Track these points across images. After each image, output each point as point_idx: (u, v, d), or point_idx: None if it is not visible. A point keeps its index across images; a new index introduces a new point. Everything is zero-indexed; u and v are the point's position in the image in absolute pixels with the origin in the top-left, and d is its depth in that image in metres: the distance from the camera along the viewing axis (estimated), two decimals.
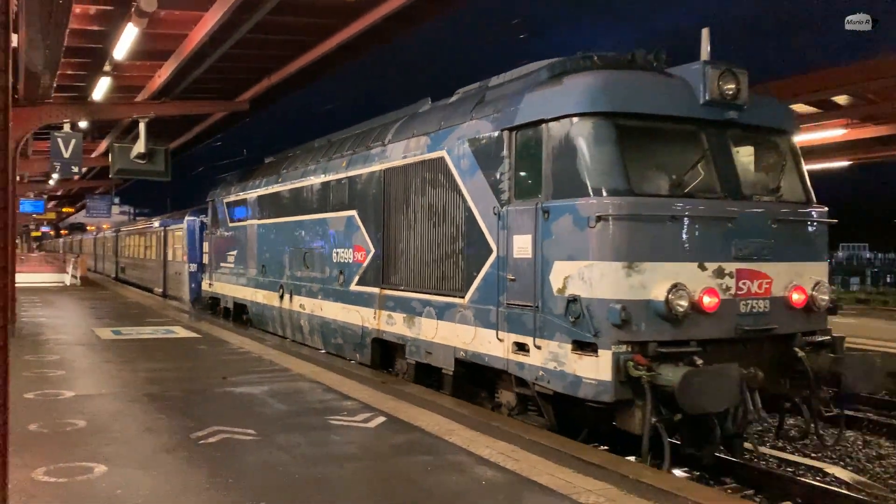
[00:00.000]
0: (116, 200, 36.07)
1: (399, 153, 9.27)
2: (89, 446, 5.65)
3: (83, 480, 4.82)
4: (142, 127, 14.11)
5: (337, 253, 10.95)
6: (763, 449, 8.09)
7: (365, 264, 10.04)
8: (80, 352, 10.84)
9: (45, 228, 63.38)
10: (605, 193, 6.22)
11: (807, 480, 7.07)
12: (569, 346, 6.26)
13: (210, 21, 10.35)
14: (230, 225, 16.22)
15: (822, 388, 6.85)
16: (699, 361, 5.94)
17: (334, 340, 11.10)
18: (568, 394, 6.33)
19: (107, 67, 12.26)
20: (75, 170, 14.56)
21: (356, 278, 10.27)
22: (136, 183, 30.97)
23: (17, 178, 18.88)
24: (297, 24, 11.45)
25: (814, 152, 16.78)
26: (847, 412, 7.75)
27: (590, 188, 6.30)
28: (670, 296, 6.02)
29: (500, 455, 5.56)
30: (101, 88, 13.39)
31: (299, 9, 10.73)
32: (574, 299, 6.20)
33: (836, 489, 6.88)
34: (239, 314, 15.57)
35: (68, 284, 27.91)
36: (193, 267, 20.95)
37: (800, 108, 14.25)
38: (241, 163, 20.84)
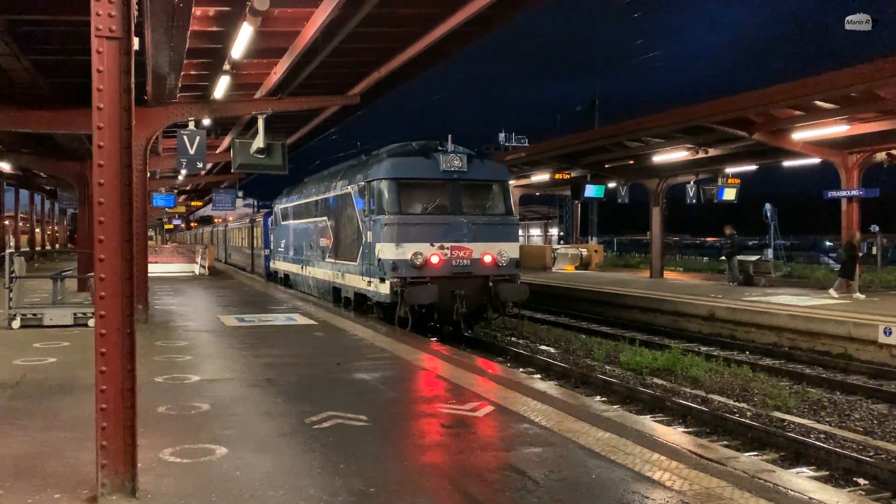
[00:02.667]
0: (240, 194, 37.68)
1: (339, 187, 16.77)
2: (212, 429, 5.93)
3: (205, 462, 5.07)
4: (260, 123, 14.61)
5: (321, 241, 18.54)
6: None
7: (330, 247, 17.57)
8: (206, 338, 11.43)
9: (176, 221, 67.24)
10: (390, 213, 13.61)
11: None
12: (379, 280, 13.78)
13: (320, 17, 10.57)
14: (282, 223, 24.36)
15: (502, 301, 13.89)
16: (434, 288, 13.07)
17: (320, 290, 19.15)
18: (379, 301, 13.98)
19: (226, 66, 12.76)
20: (200, 165, 15.25)
21: (327, 255, 17.91)
22: (260, 176, 32.43)
23: (149, 175, 20.06)
24: (402, 15, 11.53)
25: None
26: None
27: (385, 211, 13.69)
28: (412, 257, 13.25)
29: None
30: (222, 87, 13.98)
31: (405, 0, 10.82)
32: (380, 260, 13.61)
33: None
34: (286, 281, 23.80)
35: (197, 274, 29.54)
36: (267, 251, 27.94)
37: None
38: (354, 155, 22.55)
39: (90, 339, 4.44)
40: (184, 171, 26.54)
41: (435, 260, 13.44)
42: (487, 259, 13.85)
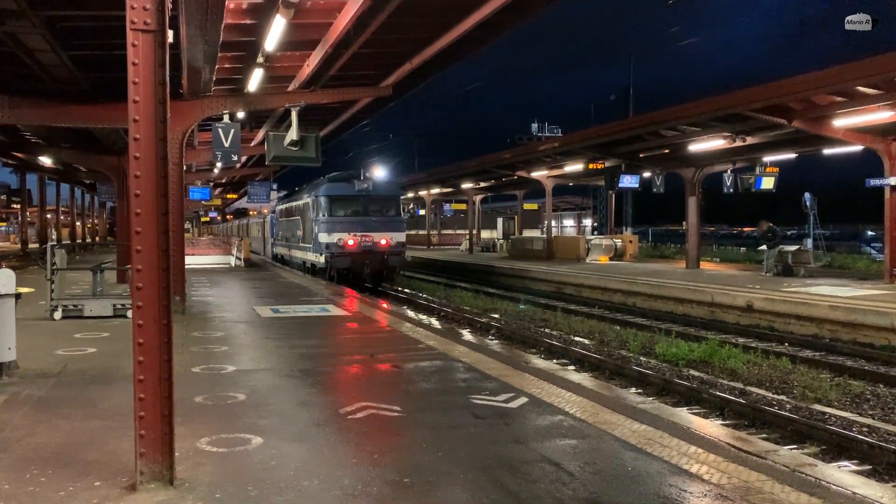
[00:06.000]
0: (275, 186, 38.07)
1: (304, 198, 26.77)
2: (248, 418, 5.98)
3: (241, 451, 5.11)
4: (294, 115, 14.65)
5: (297, 232, 28.20)
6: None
7: (302, 236, 27.01)
8: (241, 329, 11.54)
9: (212, 214, 68.11)
10: (326, 216, 23.74)
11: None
12: (319, 254, 23.81)
13: (353, 7, 10.56)
14: (279, 219, 34.81)
15: (392, 266, 24.11)
16: (348, 259, 23.07)
17: (297, 265, 28.33)
18: (320, 266, 24.07)
19: (260, 59, 12.84)
20: (235, 158, 15.37)
21: (300, 241, 27.41)
22: (294, 168, 33.23)
23: (185, 168, 20.32)
24: (435, 4, 11.48)
25: None
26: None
27: (323, 214, 23.79)
28: (338, 241, 23.11)
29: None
30: (256, 80, 14.07)
31: None
32: (320, 243, 23.52)
33: None
34: (282, 260, 33.20)
35: (233, 266, 29.89)
36: (272, 240, 37.95)
37: None
38: (387, 147, 30.28)
39: (129, 330, 4.49)
40: (219, 164, 27.04)
41: (351, 242, 23.20)
42: (383, 242, 23.53)
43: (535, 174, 31.45)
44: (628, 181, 26.10)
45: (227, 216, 73.17)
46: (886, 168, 18.11)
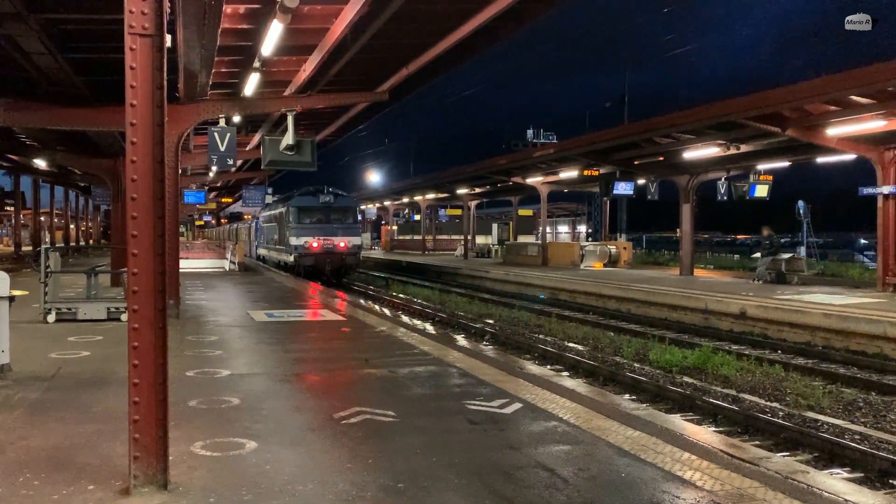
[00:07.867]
0: (270, 190, 38.08)
1: (279, 208, 32.70)
2: (242, 423, 5.98)
3: (235, 455, 5.11)
4: (290, 120, 14.70)
5: (274, 237, 34.37)
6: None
7: (278, 239, 32.69)
8: (236, 333, 11.53)
9: (207, 218, 67.99)
10: (294, 223, 29.66)
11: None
12: (289, 255, 29.74)
13: (349, 13, 10.59)
14: (261, 225, 40.81)
15: (349, 265, 30.00)
16: (312, 258, 28.77)
17: (274, 263, 34.06)
18: (289, 264, 29.97)
19: (256, 64, 12.85)
20: (230, 162, 15.39)
21: (276, 244, 33.40)
22: (289, 173, 33.76)
23: (181, 171, 20.30)
24: (432, 10, 11.52)
25: None
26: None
27: (293, 222, 29.74)
28: (304, 243, 28.92)
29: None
30: (252, 84, 14.08)
31: None
32: (291, 245, 29.43)
33: None
34: (263, 260, 38.45)
35: (227, 270, 29.85)
36: (256, 243, 43.19)
37: None
38: (383, 151, 30.30)
39: (123, 334, 4.49)
40: (214, 168, 27.23)
41: (315, 245, 28.66)
42: (342, 244, 29.06)
43: (531, 180, 31.52)
44: (623, 188, 26.18)
45: (222, 220, 73.09)
46: (879, 177, 18.20)
